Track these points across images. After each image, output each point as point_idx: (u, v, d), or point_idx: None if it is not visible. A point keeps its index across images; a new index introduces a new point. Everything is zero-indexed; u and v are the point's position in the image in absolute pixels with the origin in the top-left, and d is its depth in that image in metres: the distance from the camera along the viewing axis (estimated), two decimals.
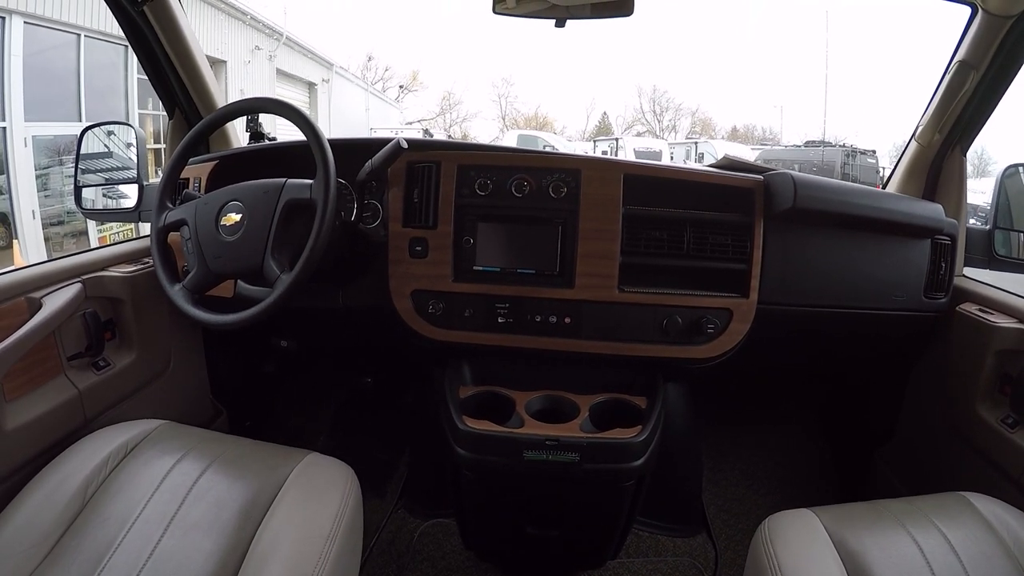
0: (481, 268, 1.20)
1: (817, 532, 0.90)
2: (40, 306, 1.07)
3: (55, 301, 1.08)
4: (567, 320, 1.18)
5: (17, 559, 0.81)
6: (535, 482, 1.12)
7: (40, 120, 6.24)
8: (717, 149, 15.08)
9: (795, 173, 1.16)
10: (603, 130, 27.32)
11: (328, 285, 1.25)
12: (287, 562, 0.82)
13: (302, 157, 1.09)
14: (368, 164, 1.14)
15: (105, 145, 1.51)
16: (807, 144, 13.33)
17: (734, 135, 26.78)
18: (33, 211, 6.23)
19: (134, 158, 1.47)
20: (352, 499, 0.97)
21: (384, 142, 1.13)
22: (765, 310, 1.19)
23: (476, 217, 1.20)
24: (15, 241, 6.10)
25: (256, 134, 1.48)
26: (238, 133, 1.57)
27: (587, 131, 28.08)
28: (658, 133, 26.39)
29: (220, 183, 1.14)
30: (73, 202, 1.56)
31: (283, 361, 1.81)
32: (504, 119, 28.10)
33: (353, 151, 1.15)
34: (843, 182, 1.31)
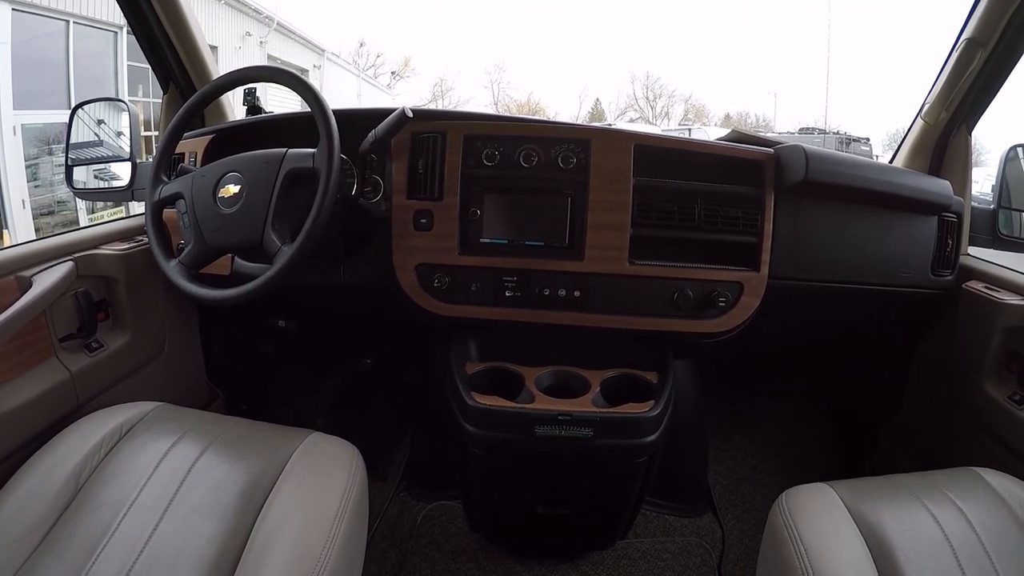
0: (488, 240, 1.17)
1: (835, 505, 0.89)
2: (30, 285, 1.03)
3: (46, 280, 1.04)
4: (576, 293, 1.16)
5: (8, 549, 0.78)
6: (547, 459, 1.10)
7: (29, 108, 6.13)
8: (711, 136, 15.03)
9: (807, 146, 1.14)
10: (596, 116, 27.24)
11: (328, 261, 1.22)
12: (292, 545, 0.80)
13: (301, 129, 1.06)
14: (372, 134, 1.10)
15: (96, 129, 1.47)
16: (801, 131, 13.37)
17: (727, 122, 26.69)
18: (23, 200, 6.14)
19: (126, 137, 1.43)
20: (359, 477, 0.94)
21: (386, 112, 1.10)
22: (775, 284, 1.17)
23: (483, 188, 1.17)
24: (5, 231, 6.01)
25: (254, 108, 1.44)
26: (234, 107, 1.53)
27: (580, 117, 27.90)
28: (651, 120, 26.27)
29: (216, 158, 1.11)
30: (64, 189, 1.53)
31: (281, 342, 1.78)
32: (497, 105, 27.87)
33: (352, 123, 1.11)
34: (855, 156, 1.30)
